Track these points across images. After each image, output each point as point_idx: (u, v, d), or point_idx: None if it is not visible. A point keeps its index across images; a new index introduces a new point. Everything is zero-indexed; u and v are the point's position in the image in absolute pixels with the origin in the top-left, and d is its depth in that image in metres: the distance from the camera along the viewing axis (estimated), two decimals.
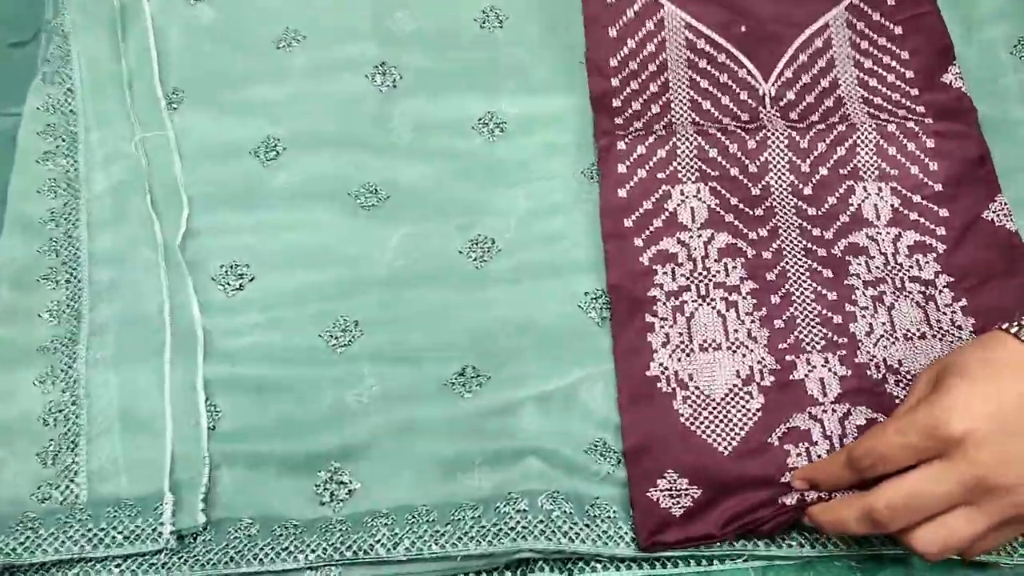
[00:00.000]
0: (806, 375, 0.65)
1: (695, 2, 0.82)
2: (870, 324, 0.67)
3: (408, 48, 0.84)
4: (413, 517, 0.61)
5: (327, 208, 0.75)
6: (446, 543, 0.60)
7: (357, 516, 0.62)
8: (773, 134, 0.75)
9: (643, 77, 0.79)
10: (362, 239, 0.74)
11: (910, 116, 0.76)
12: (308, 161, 0.78)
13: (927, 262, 0.70)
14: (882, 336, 0.67)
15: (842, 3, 0.82)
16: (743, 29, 0.81)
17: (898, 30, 0.81)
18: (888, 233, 0.71)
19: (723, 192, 0.74)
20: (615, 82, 0.79)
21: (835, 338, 0.67)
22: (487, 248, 0.73)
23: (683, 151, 0.75)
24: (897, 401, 0.64)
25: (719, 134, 0.76)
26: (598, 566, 0.60)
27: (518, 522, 0.60)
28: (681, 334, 0.68)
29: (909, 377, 0.65)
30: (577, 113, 0.80)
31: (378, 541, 0.60)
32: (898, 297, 0.68)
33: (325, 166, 0.78)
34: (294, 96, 0.82)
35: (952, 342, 0.66)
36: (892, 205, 0.73)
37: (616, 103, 0.78)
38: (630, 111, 0.78)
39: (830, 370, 0.65)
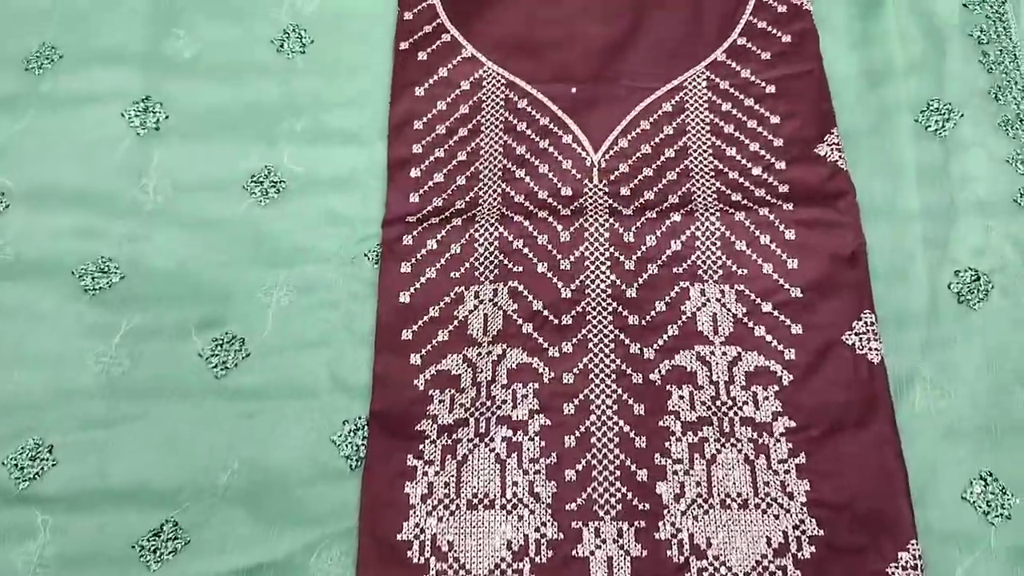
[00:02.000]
0: (592, 552, 0.52)
1: (519, 57, 0.67)
2: (681, 484, 0.53)
3: (182, 77, 0.69)
4: None
5: (44, 290, 0.61)
6: None
7: None
8: (593, 222, 0.61)
9: (450, 144, 0.64)
10: (78, 333, 0.59)
11: (769, 199, 0.61)
12: (34, 223, 0.63)
13: (766, 397, 0.56)
14: (695, 501, 0.53)
15: (704, 60, 0.67)
16: (573, 90, 0.65)
17: (771, 89, 0.66)
18: (724, 354, 0.57)
19: (526, 294, 0.59)
20: (417, 148, 0.64)
21: (635, 501, 0.53)
22: (233, 352, 0.59)
23: (483, 242, 0.60)
24: None
25: (526, 222, 0.61)
26: None
27: None
28: (448, 484, 0.54)
29: (716, 566, 0.51)
30: (372, 174, 0.65)
31: None
32: (723, 446, 0.54)
33: (52, 231, 0.63)
34: (31, 133, 0.66)
35: (778, 516, 0.52)
36: (735, 315, 0.58)
37: (415, 173, 0.63)
38: (430, 184, 0.63)
39: (622, 548, 0.52)
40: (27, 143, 0.66)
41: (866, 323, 0.57)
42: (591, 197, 0.62)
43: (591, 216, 0.61)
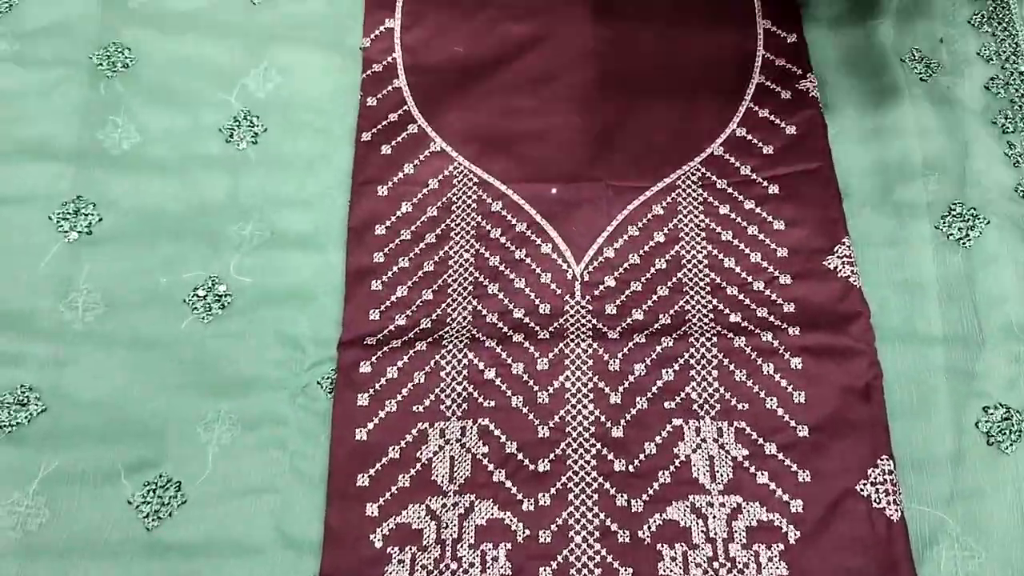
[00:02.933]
0: None
1: (493, 152, 0.60)
2: None
3: (118, 173, 0.62)
4: None
5: None
6: None
7: None
8: (575, 348, 0.54)
9: (416, 251, 0.58)
10: None
11: (772, 321, 0.55)
12: None
13: (771, 558, 0.49)
14: None
15: (698, 156, 0.60)
16: (553, 191, 0.59)
17: (774, 189, 0.59)
18: (723, 505, 0.50)
19: (498, 434, 0.52)
20: (379, 258, 0.57)
21: None
22: (168, 498, 0.52)
23: (450, 371, 0.53)
24: None
25: (499, 347, 0.54)
26: None
27: None
28: None
29: None
30: (328, 287, 0.58)
31: None
32: None
33: None
34: None
35: None
36: (735, 458, 0.51)
37: (376, 286, 0.57)
38: (393, 299, 0.56)
39: None
40: None
41: (883, 471, 0.50)
42: (573, 317, 0.55)
43: (573, 340, 0.54)
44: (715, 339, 0.54)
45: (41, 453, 0.53)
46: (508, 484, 0.51)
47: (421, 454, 0.52)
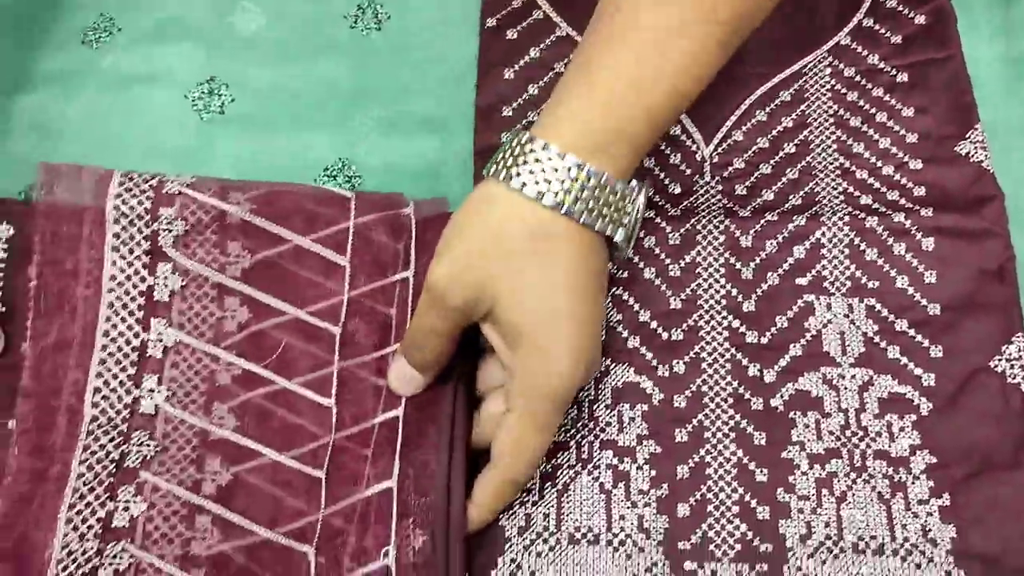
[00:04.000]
0: None
1: None
2: (808, 524, 0.48)
3: (248, 56, 0.63)
4: None
5: None
6: None
7: None
8: (707, 224, 0.55)
9: None
10: None
11: (903, 203, 0.55)
12: None
13: (903, 428, 0.50)
14: (823, 544, 0.47)
15: (826, 43, 0.60)
16: None
17: (903, 77, 0.59)
18: (854, 378, 0.51)
19: (631, 303, 0.53)
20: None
21: (756, 542, 0.48)
22: None
23: None
24: None
25: None
26: None
27: None
28: (547, 515, 0.49)
29: None
30: (457, 168, 0.59)
31: None
32: (854, 482, 0.49)
33: None
34: (89, 113, 0.61)
35: (920, 565, 0.47)
36: (865, 334, 0.52)
37: None
38: None
39: None
40: (85, 123, 0.61)
41: (1018, 347, 0.51)
42: (703, 196, 0.56)
43: (704, 216, 0.55)
44: (847, 219, 0.54)
45: None
46: (643, 350, 0.52)
47: None
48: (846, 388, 0.51)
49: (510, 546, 0.48)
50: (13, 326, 0.51)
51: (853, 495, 0.48)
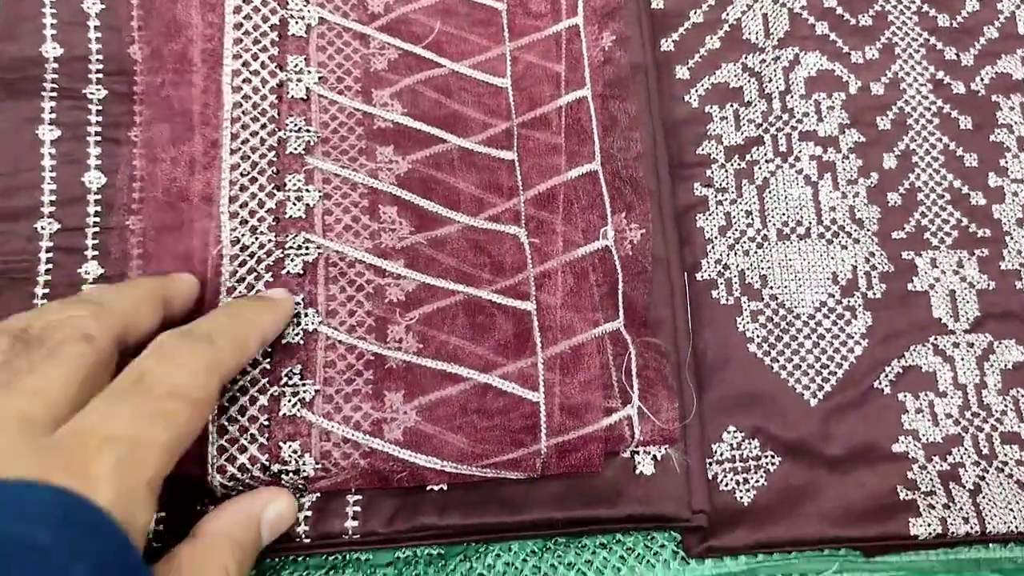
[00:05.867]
0: (931, 286, 0.44)
1: None
2: (1023, 206, 0.45)
3: None
4: None
5: None
6: None
7: None
8: None
9: None
10: None
11: None
12: None
13: None
14: None
15: None
16: None
17: None
18: None
19: None
20: None
21: (972, 227, 0.45)
22: None
23: None
24: None
25: None
26: None
27: None
28: (750, 213, 0.44)
29: None
30: None
31: None
32: None
33: None
34: None
35: None
36: None
37: None
38: None
39: (964, 280, 0.44)
40: None
41: None
42: None
43: None
44: None
45: None
46: (832, 36, 0.47)
47: (727, 13, 0.47)
48: None
49: (712, 247, 0.44)
50: None
51: None
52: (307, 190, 0.39)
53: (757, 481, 0.40)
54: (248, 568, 0.32)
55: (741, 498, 0.40)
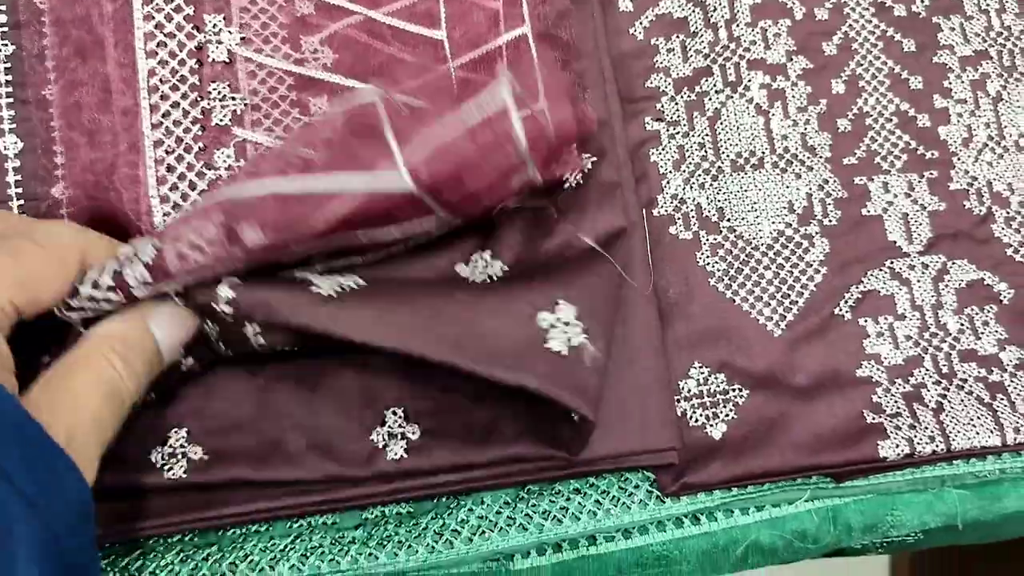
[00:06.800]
0: (884, 210, 0.44)
1: None
2: (968, 127, 0.45)
3: None
4: None
5: None
6: None
7: None
8: None
9: None
10: None
11: None
12: None
13: None
14: (986, 145, 0.45)
15: None
16: None
17: None
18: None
19: None
20: None
21: (920, 150, 0.45)
22: None
23: None
24: (1008, 252, 0.44)
25: None
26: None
27: None
28: (703, 145, 0.43)
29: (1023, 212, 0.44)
30: None
31: None
32: (1007, 81, 0.46)
33: None
34: None
35: None
36: None
37: None
38: None
39: (916, 202, 0.44)
40: None
41: None
42: None
43: None
44: None
45: None
46: None
47: None
48: None
49: (667, 182, 0.43)
50: None
51: (1008, 94, 0.46)
52: (239, 166, 0.36)
53: (727, 415, 0.40)
54: (141, 367, 0.30)
55: (712, 433, 0.39)
